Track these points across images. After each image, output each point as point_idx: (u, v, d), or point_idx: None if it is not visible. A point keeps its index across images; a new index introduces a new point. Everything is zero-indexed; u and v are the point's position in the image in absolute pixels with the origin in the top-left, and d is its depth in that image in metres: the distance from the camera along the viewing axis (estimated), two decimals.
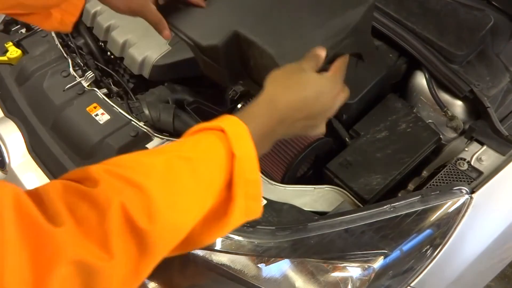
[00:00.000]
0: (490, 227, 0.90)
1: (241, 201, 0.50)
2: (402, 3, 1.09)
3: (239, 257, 0.82)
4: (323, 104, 0.59)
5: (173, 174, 0.47)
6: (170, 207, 0.45)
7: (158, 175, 0.46)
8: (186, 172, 0.47)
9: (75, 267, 0.38)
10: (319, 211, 0.90)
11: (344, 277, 0.80)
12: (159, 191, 0.44)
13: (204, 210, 0.49)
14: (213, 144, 0.50)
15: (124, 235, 0.42)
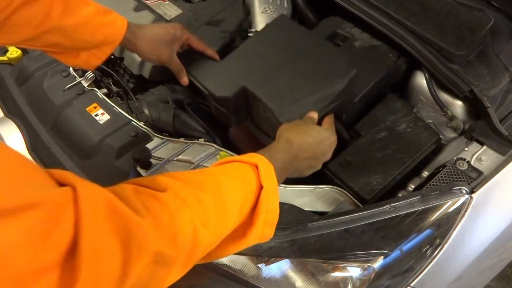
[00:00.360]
0: (490, 227, 0.90)
1: (260, 226, 0.59)
2: (402, 3, 1.09)
3: (239, 257, 0.82)
4: (323, 147, 0.76)
5: (221, 191, 0.56)
6: (217, 218, 0.53)
7: (210, 190, 0.54)
8: (230, 190, 0.56)
9: (154, 256, 0.44)
10: (319, 211, 0.90)
11: (344, 277, 0.80)
12: (211, 203, 0.53)
13: (233, 226, 0.57)
14: (249, 174, 0.59)
15: (187, 236, 0.49)
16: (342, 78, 0.86)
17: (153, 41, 0.89)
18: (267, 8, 1.23)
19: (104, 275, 0.40)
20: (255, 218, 0.59)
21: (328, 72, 0.86)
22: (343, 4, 1.13)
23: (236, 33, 1.22)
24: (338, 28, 1.16)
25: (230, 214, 0.55)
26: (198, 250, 0.51)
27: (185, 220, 0.49)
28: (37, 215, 0.36)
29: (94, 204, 0.41)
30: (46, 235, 0.37)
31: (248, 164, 0.61)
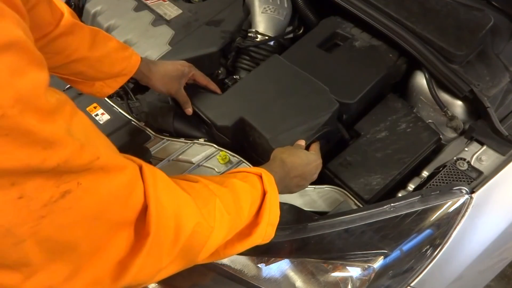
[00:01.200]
0: (490, 227, 0.89)
1: (263, 226, 0.67)
2: (402, 3, 1.09)
3: (239, 257, 0.82)
4: (311, 168, 0.85)
5: (236, 189, 0.64)
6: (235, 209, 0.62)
7: (229, 187, 0.64)
8: (242, 190, 0.65)
9: (197, 225, 0.54)
10: (319, 211, 0.91)
11: (344, 277, 0.80)
12: (231, 197, 0.62)
13: (245, 222, 0.65)
14: (255, 181, 0.69)
15: (217, 216, 0.58)
16: (326, 111, 0.97)
17: (165, 77, 1.00)
18: (267, 8, 1.23)
19: (165, 234, 0.49)
20: (259, 219, 0.66)
21: (314, 106, 0.98)
22: (343, 4, 1.13)
23: (236, 33, 1.22)
24: (338, 28, 1.16)
25: (243, 209, 0.64)
26: (222, 233, 0.60)
27: (215, 204, 0.58)
28: (125, 178, 0.46)
29: (154, 179, 0.50)
30: (128, 196, 0.46)
31: (253, 173, 0.71)
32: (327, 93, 0.99)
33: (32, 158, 0.37)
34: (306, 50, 1.12)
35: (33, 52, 0.38)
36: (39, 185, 0.38)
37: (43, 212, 0.39)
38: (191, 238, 0.53)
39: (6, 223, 0.38)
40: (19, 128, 0.36)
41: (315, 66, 1.08)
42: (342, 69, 1.07)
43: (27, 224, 0.38)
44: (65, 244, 0.42)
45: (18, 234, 0.38)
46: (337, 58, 1.10)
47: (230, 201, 0.61)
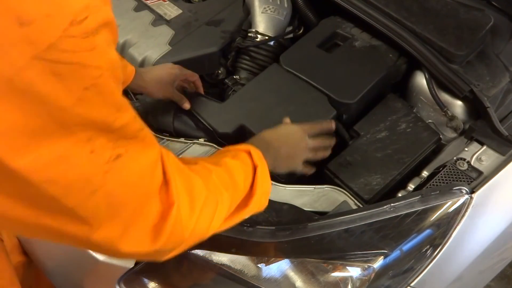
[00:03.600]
0: (490, 227, 0.90)
1: (258, 196, 0.71)
2: (402, 3, 1.09)
3: (239, 257, 0.82)
4: (296, 138, 0.87)
5: (229, 167, 0.68)
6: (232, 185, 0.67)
7: (223, 166, 0.68)
8: (235, 167, 0.69)
9: (205, 199, 0.59)
10: (319, 211, 0.90)
11: (344, 277, 0.80)
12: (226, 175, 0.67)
13: (241, 195, 0.69)
14: (245, 157, 0.73)
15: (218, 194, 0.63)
16: (325, 118, 0.99)
17: (158, 83, 1.03)
18: (267, 8, 1.23)
19: (183, 205, 0.55)
20: (254, 191, 0.71)
21: (313, 113, 1.01)
22: (343, 4, 1.13)
23: (236, 33, 1.22)
24: (338, 28, 1.16)
25: (239, 184, 0.68)
26: (225, 207, 0.65)
27: (215, 183, 0.63)
28: (155, 154, 0.52)
29: (168, 159, 0.55)
30: (154, 170, 0.52)
31: (242, 151, 0.74)
32: (325, 100, 1.02)
33: (108, 116, 0.44)
34: (306, 50, 1.12)
35: (114, 32, 0.45)
36: (104, 143, 0.44)
37: (106, 167, 0.45)
38: (202, 211, 0.58)
39: (86, 173, 0.44)
40: (107, 88, 0.43)
41: (315, 66, 1.08)
42: (342, 69, 1.07)
43: (98, 174, 0.45)
44: (119, 202, 0.48)
45: (94, 182, 0.45)
46: (337, 58, 1.10)
47: (227, 178, 0.66)
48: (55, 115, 0.40)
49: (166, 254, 0.57)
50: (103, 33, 0.42)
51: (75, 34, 0.38)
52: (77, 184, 0.44)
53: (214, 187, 0.63)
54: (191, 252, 0.84)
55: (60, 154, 0.41)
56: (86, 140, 0.43)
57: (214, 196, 0.62)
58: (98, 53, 0.41)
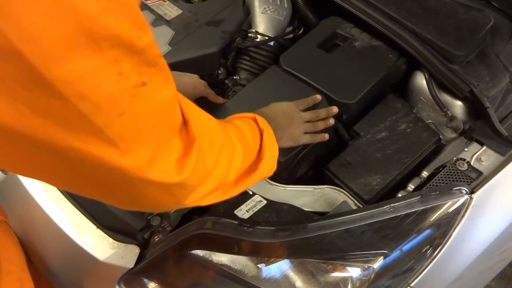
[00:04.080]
0: (490, 227, 0.90)
1: (267, 159, 0.75)
2: (402, 3, 1.09)
3: (239, 257, 0.82)
4: (287, 111, 0.92)
5: (239, 126, 0.73)
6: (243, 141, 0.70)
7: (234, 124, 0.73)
8: (243, 127, 0.74)
9: (225, 143, 0.63)
10: (319, 211, 0.91)
11: (344, 277, 0.80)
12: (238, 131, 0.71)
13: (252, 155, 0.73)
14: (251, 123, 0.78)
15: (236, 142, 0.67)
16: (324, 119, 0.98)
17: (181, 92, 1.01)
18: (267, 8, 1.23)
19: (204, 142, 0.58)
20: (262, 155, 0.75)
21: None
22: (343, 4, 1.13)
23: (236, 33, 1.22)
24: (338, 28, 1.16)
25: (249, 142, 0.72)
26: (240, 157, 0.68)
27: (230, 133, 0.67)
28: (173, 90, 0.54)
29: (185, 101, 0.58)
30: (174, 107, 0.54)
31: (247, 117, 0.78)
32: (324, 101, 1.02)
33: (132, 32, 0.44)
34: (306, 50, 1.12)
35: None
36: (130, 68, 0.45)
37: (133, 91, 0.46)
38: (221, 151, 0.61)
39: (114, 93, 0.45)
40: (129, 3, 0.44)
41: (315, 67, 1.08)
42: (342, 69, 1.07)
43: (126, 97, 0.46)
44: (145, 130, 0.49)
45: (122, 104, 0.45)
46: (337, 58, 1.10)
47: (239, 134, 0.70)
48: (84, 25, 0.41)
49: (192, 189, 0.59)
50: None
51: None
52: (106, 103, 0.45)
53: (229, 135, 0.65)
54: (191, 252, 0.84)
55: (91, 69, 0.43)
56: (114, 60, 0.44)
57: (230, 142, 0.65)
58: None
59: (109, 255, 0.85)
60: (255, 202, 0.89)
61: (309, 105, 0.97)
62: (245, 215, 0.86)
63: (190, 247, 0.84)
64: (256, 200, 0.89)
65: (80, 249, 0.87)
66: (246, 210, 0.87)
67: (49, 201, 0.96)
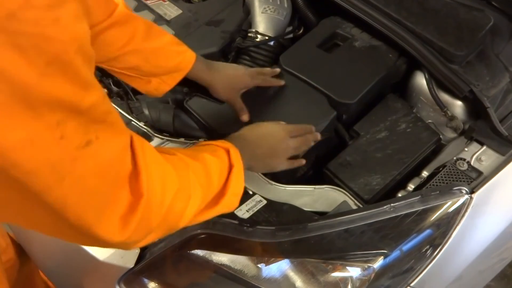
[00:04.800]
0: (490, 227, 0.90)
1: (229, 196, 0.70)
2: (402, 3, 1.09)
3: (239, 257, 0.82)
4: (277, 139, 0.86)
5: (206, 163, 0.68)
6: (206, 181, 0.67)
7: (200, 160, 0.68)
8: (211, 163, 0.69)
9: (179, 193, 0.59)
10: (319, 211, 0.91)
11: (344, 277, 0.80)
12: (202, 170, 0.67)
13: (214, 192, 0.69)
14: (223, 155, 0.73)
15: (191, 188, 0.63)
16: (324, 119, 1.00)
17: (227, 84, 1.00)
18: (267, 8, 1.23)
19: (154, 196, 0.55)
20: (226, 190, 0.70)
21: (312, 114, 1.01)
22: (343, 4, 1.13)
23: (236, 33, 1.22)
24: (338, 28, 1.16)
25: (213, 181, 0.68)
26: (197, 202, 0.65)
27: (190, 177, 0.63)
28: (125, 141, 0.52)
29: (143, 148, 0.55)
30: (124, 159, 0.52)
31: (222, 148, 0.74)
32: (325, 101, 1.02)
33: (75, 94, 0.43)
34: (306, 50, 1.12)
35: (85, 6, 0.44)
36: (74, 128, 0.44)
37: (76, 154, 0.45)
38: (173, 203, 0.58)
39: (53, 159, 0.43)
40: (71, 64, 0.42)
41: (315, 66, 1.08)
42: (342, 69, 1.07)
43: (67, 162, 0.44)
44: (90, 189, 0.48)
45: (61, 170, 0.44)
46: (337, 58, 1.10)
47: (202, 174, 0.66)
48: (19, 92, 0.38)
49: (133, 244, 0.58)
50: (70, 5, 0.41)
51: (38, 5, 0.37)
52: (43, 170, 0.43)
53: (188, 180, 0.62)
54: (191, 252, 0.84)
55: (28, 137, 0.40)
56: (56, 124, 0.42)
57: (187, 189, 0.62)
58: (62, 26, 0.40)
59: (109, 255, 0.85)
60: (255, 202, 0.89)
61: (301, 135, 0.91)
62: (245, 215, 0.86)
63: (190, 247, 0.84)
64: (256, 200, 0.89)
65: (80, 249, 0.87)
66: (246, 210, 0.87)
67: None
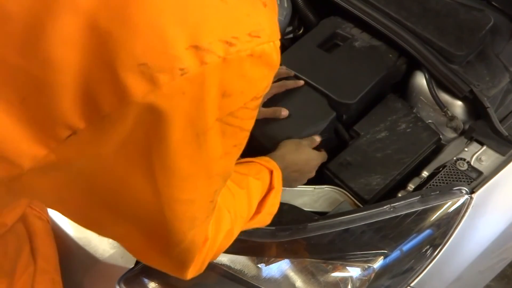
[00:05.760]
0: (490, 227, 0.90)
1: (262, 215, 0.75)
2: (402, 3, 1.09)
3: (239, 257, 0.82)
4: (310, 166, 0.92)
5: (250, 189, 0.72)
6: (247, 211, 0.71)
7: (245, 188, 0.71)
8: (255, 188, 0.73)
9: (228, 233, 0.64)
10: (319, 211, 0.91)
11: (344, 277, 0.80)
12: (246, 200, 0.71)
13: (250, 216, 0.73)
14: (267, 177, 0.77)
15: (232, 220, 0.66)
16: (324, 120, 1.00)
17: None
18: None
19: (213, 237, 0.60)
20: (261, 209, 0.74)
21: (312, 115, 1.01)
22: (343, 4, 1.13)
23: None
24: (338, 28, 1.16)
25: (253, 207, 0.72)
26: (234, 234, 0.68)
27: (236, 211, 0.67)
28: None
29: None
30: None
31: (266, 168, 0.78)
32: (325, 102, 1.02)
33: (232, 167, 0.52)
34: (306, 50, 1.12)
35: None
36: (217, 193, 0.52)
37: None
38: (222, 243, 0.63)
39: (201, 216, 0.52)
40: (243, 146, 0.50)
41: (315, 66, 1.08)
42: (342, 69, 1.07)
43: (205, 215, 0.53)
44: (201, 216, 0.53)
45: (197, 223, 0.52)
46: (337, 58, 1.10)
47: (245, 204, 0.70)
48: (206, 164, 0.46)
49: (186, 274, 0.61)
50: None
51: (250, 107, 0.45)
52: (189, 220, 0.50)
53: (235, 217, 0.66)
54: None
55: (192, 198, 0.47)
56: (214, 192, 0.49)
57: (234, 229, 0.66)
58: (253, 121, 0.48)
59: (109, 255, 0.85)
60: None
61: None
62: None
63: None
64: None
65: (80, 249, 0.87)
66: None
67: None
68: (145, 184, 0.43)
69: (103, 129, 0.36)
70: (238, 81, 0.42)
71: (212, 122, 0.42)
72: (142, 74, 0.35)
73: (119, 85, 0.35)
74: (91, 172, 0.41)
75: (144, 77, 0.35)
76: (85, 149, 0.38)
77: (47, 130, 0.36)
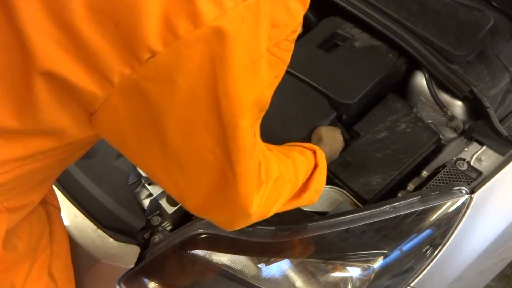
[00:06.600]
0: (490, 227, 0.90)
1: (311, 192, 0.78)
2: (402, 3, 1.09)
3: (239, 257, 0.82)
4: (338, 148, 0.98)
5: (295, 161, 0.76)
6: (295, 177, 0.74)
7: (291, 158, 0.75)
8: (300, 162, 0.77)
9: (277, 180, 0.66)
10: (319, 211, 0.91)
11: (344, 277, 0.80)
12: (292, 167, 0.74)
13: (298, 187, 0.76)
14: (311, 156, 0.81)
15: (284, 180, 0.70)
16: (324, 120, 1.01)
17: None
18: None
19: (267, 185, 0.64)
20: (308, 186, 0.78)
21: (313, 115, 1.02)
22: (343, 4, 1.13)
23: None
24: (338, 28, 1.16)
25: (299, 178, 0.75)
26: (287, 192, 0.72)
27: (282, 170, 0.69)
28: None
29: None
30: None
31: (309, 149, 0.82)
32: (325, 102, 1.02)
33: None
34: (306, 50, 1.12)
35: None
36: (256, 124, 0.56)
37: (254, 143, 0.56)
38: (271, 191, 0.65)
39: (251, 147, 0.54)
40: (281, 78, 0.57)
41: (315, 66, 1.08)
42: (342, 69, 1.07)
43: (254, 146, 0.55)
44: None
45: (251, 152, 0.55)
46: (337, 58, 1.10)
47: (292, 170, 0.73)
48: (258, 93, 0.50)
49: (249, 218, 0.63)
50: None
51: (290, 39, 0.51)
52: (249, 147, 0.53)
53: (282, 173, 0.69)
54: (191, 252, 0.84)
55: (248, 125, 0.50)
56: (255, 119, 0.52)
57: (281, 180, 0.68)
58: (290, 54, 0.54)
59: (109, 255, 0.85)
60: None
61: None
62: None
63: (190, 247, 0.85)
64: None
65: (80, 249, 0.87)
66: None
67: None
68: (210, 117, 0.47)
69: (177, 52, 0.42)
70: (283, 13, 0.48)
71: (263, 50, 0.47)
72: (213, 1, 0.41)
73: (194, 9, 0.40)
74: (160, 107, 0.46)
75: (215, 2, 0.41)
76: (161, 72, 0.43)
77: (132, 52, 0.41)
